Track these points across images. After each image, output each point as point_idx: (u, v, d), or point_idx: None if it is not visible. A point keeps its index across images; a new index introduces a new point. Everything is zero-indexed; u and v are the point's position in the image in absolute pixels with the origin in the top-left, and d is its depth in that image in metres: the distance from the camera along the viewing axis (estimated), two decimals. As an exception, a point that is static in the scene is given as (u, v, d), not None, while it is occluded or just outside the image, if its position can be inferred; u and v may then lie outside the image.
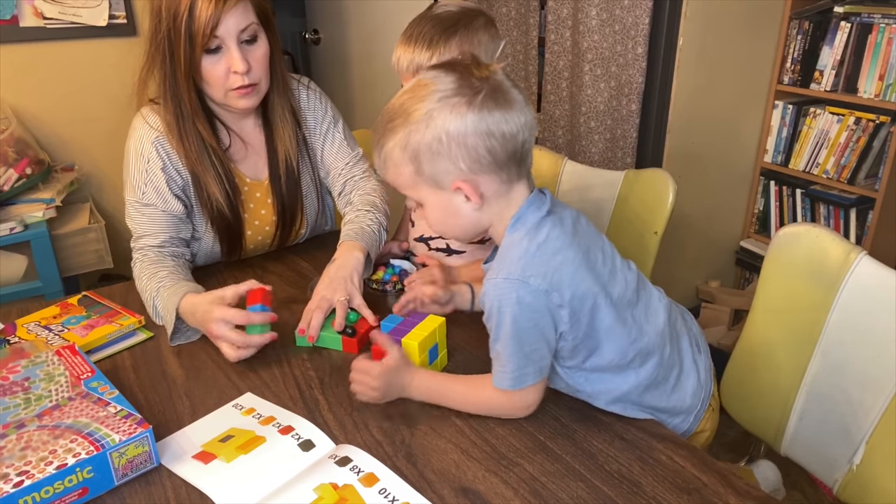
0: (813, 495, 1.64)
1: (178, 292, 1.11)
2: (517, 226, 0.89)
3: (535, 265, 0.85)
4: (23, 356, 0.98)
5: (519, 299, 0.84)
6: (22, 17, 2.10)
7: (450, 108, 0.82)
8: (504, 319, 0.86)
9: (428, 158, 0.84)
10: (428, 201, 0.89)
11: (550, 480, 0.81)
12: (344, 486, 0.80)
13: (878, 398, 0.93)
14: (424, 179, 0.86)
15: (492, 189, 0.87)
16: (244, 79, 1.18)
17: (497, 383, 0.90)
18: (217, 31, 1.13)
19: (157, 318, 1.16)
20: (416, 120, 0.84)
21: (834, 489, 1.01)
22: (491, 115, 0.82)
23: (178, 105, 1.21)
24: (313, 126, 1.39)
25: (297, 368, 1.05)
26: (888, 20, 2.02)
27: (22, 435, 0.81)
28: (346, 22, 2.83)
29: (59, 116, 2.24)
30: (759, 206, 2.46)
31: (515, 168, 0.87)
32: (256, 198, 1.35)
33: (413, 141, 0.84)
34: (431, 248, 1.36)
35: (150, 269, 1.19)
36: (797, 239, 1.02)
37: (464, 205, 0.88)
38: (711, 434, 1.04)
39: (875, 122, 2.09)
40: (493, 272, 0.88)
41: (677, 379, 0.97)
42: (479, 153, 0.83)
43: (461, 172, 0.84)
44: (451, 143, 0.83)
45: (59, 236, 1.95)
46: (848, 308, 0.96)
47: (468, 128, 0.82)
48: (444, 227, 0.94)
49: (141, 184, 1.24)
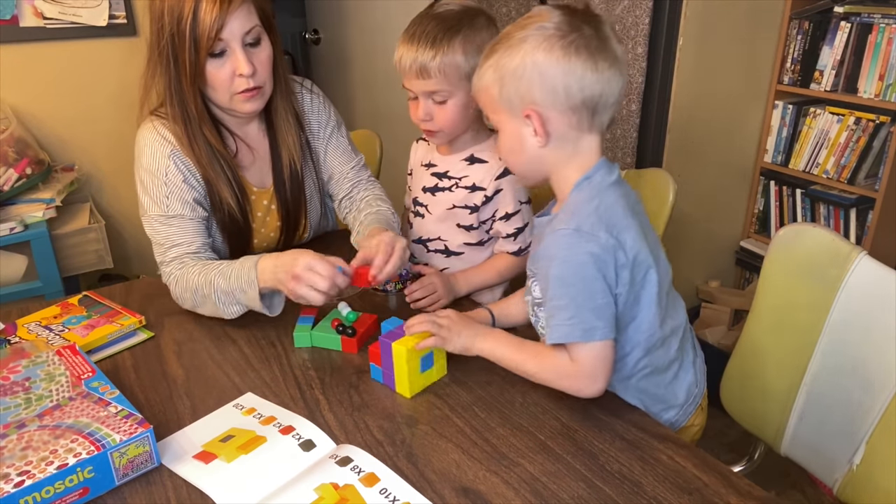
0: (813, 495, 1.64)
1: (249, 260, 1.11)
2: (584, 185, 0.92)
3: (606, 223, 0.88)
4: (23, 356, 0.98)
5: (591, 251, 0.87)
6: (22, 17, 2.10)
7: (543, 38, 0.87)
8: (572, 270, 0.88)
9: (510, 81, 0.89)
10: (503, 127, 0.94)
11: (551, 480, 0.81)
12: (345, 486, 0.80)
13: (878, 398, 0.93)
14: (503, 102, 0.91)
15: (559, 130, 0.90)
16: (249, 81, 1.17)
17: (562, 337, 0.88)
18: (222, 34, 1.12)
19: (224, 305, 1.13)
20: (511, 44, 0.89)
21: (834, 489, 1.01)
22: (578, 56, 0.87)
23: (185, 111, 1.20)
24: (317, 130, 1.38)
25: (297, 368, 1.05)
26: (888, 20, 2.02)
27: (23, 435, 0.81)
28: (346, 22, 2.83)
29: (59, 116, 2.24)
30: (759, 206, 2.45)
31: (588, 117, 0.90)
32: (263, 205, 1.34)
33: (503, 63, 0.89)
34: (430, 250, 1.36)
35: (195, 269, 1.16)
36: (797, 239, 1.03)
37: (530, 138, 0.91)
38: (700, 430, 1.09)
39: (875, 122, 2.09)
40: (561, 223, 0.89)
41: (675, 374, 1.01)
42: (555, 88, 0.87)
43: (534, 101, 0.89)
44: (533, 70, 0.87)
45: (59, 236, 1.95)
46: (848, 308, 0.96)
47: (552, 61, 0.87)
48: (509, 158, 0.98)
49: (162, 198, 1.21)
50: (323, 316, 1.14)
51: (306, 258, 1.04)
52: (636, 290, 0.92)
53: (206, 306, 1.16)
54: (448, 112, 1.19)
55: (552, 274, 0.89)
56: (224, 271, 1.13)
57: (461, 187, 1.28)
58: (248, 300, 1.11)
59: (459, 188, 1.28)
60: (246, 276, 1.10)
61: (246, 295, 1.11)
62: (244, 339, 1.13)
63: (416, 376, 0.97)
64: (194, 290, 1.15)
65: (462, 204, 1.28)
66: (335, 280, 1.04)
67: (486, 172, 1.25)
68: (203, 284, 1.14)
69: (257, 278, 1.09)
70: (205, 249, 1.23)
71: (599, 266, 0.87)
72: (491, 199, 1.26)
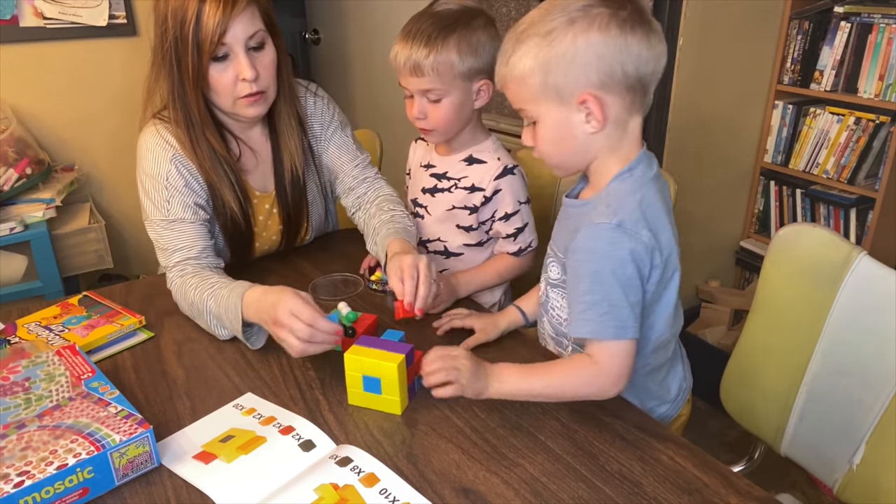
0: (813, 495, 1.64)
1: (239, 288, 1.07)
2: (626, 177, 0.89)
3: (648, 220, 0.86)
4: (23, 356, 0.98)
5: (633, 249, 0.85)
6: (22, 17, 2.10)
7: (592, 17, 0.81)
8: (611, 267, 0.85)
9: (560, 68, 0.83)
10: (545, 118, 0.88)
11: (551, 481, 0.81)
12: (344, 486, 0.80)
13: (878, 398, 0.93)
14: (549, 92, 0.85)
15: (614, 112, 0.86)
16: (252, 86, 1.16)
17: (593, 332, 0.86)
18: (225, 39, 1.11)
19: (216, 327, 1.11)
20: (554, 28, 0.82)
21: (834, 489, 1.01)
22: (633, 33, 0.82)
23: (188, 114, 1.19)
24: (319, 132, 1.37)
25: (297, 368, 1.05)
26: (888, 20, 2.01)
27: (22, 435, 0.81)
28: (346, 22, 2.83)
29: (59, 116, 2.24)
30: (759, 206, 2.45)
31: (641, 97, 0.87)
32: (265, 209, 1.34)
33: (547, 48, 0.83)
34: (429, 251, 1.36)
35: (193, 281, 1.15)
36: (797, 239, 1.02)
37: (581, 126, 0.86)
38: (686, 419, 1.11)
39: (875, 122, 2.08)
40: (602, 216, 0.86)
41: (668, 371, 1.03)
42: (612, 68, 0.82)
43: (591, 85, 0.83)
44: (588, 52, 0.81)
45: (59, 236, 1.95)
46: (848, 308, 0.96)
47: (608, 40, 0.81)
48: (553, 149, 0.91)
49: (163, 202, 1.20)
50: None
51: (289, 302, 0.96)
52: (660, 291, 0.91)
53: (201, 322, 1.15)
54: (442, 110, 1.19)
55: (589, 269, 0.86)
56: (217, 293, 1.10)
57: (460, 188, 1.28)
58: (233, 329, 1.08)
59: (458, 189, 1.28)
60: (233, 306, 1.06)
61: (231, 324, 1.07)
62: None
63: (358, 388, 0.95)
64: (191, 303, 1.14)
65: (461, 205, 1.28)
66: (317, 325, 0.95)
67: (485, 173, 1.25)
68: (198, 301, 1.12)
69: (242, 312, 1.05)
70: (207, 254, 1.22)
71: (638, 265, 0.86)
72: (490, 200, 1.26)
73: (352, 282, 1.29)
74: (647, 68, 0.84)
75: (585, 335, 0.88)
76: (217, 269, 1.22)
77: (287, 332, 0.96)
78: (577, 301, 0.88)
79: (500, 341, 1.11)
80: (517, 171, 1.26)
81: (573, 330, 0.89)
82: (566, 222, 0.97)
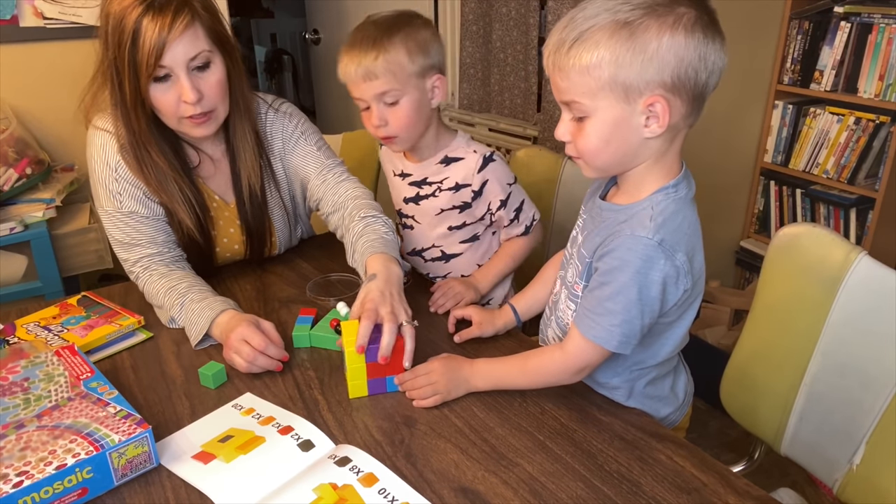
0: (813, 495, 1.64)
1: (209, 311, 1.10)
2: (670, 191, 0.86)
3: (686, 243, 0.85)
4: (22, 356, 0.98)
5: (666, 272, 0.84)
6: (22, 17, 2.10)
7: (679, 15, 0.77)
8: (639, 285, 0.84)
9: (636, 64, 0.77)
10: (600, 114, 0.81)
11: (550, 480, 0.81)
12: (343, 486, 0.80)
13: (878, 398, 0.93)
14: (616, 86, 0.79)
15: (675, 119, 0.81)
16: (196, 108, 1.11)
17: (598, 338, 0.87)
18: (163, 61, 1.06)
19: (170, 323, 1.16)
20: (632, 20, 0.77)
21: (834, 489, 1.01)
22: (714, 42, 0.79)
23: (131, 132, 1.15)
24: (280, 148, 1.31)
25: (296, 368, 1.05)
26: (888, 20, 2.02)
27: (21, 435, 0.81)
28: (346, 22, 2.83)
29: (59, 116, 2.24)
30: (759, 206, 2.46)
31: (698, 108, 0.83)
32: (225, 216, 1.31)
33: (624, 42, 0.77)
34: (427, 260, 1.35)
35: (160, 284, 1.17)
36: (797, 239, 1.02)
37: (640, 128, 0.81)
38: (687, 420, 1.11)
39: (875, 122, 2.09)
40: (645, 229, 0.83)
41: (674, 378, 1.04)
42: (686, 72, 0.78)
43: (664, 85, 0.78)
44: (669, 52, 0.77)
45: (59, 236, 1.95)
46: (848, 308, 0.96)
47: (691, 42, 0.77)
48: (601, 148, 0.84)
49: (116, 193, 1.19)
50: (321, 316, 1.14)
51: (244, 330, 1.03)
52: (681, 311, 0.92)
53: (161, 315, 1.18)
54: (402, 112, 1.16)
55: (619, 279, 0.84)
56: (187, 308, 1.12)
57: (445, 190, 1.26)
58: (191, 338, 1.11)
59: (443, 191, 1.26)
60: (202, 323, 1.09)
61: (192, 336, 1.11)
62: (243, 340, 1.13)
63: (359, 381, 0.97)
64: (159, 305, 1.18)
65: (449, 205, 1.27)
66: (267, 350, 1.02)
67: (467, 169, 1.23)
68: (167, 305, 1.15)
69: (210, 328, 1.09)
70: (167, 248, 1.22)
71: (667, 288, 0.85)
72: (481, 193, 1.24)
73: (350, 282, 1.29)
74: (713, 80, 0.81)
75: (591, 338, 0.88)
76: (180, 262, 1.24)
77: (233, 352, 1.03)
78: (595, 299, 0.88)
79: (500, 342, 1.11)
80: (496, 157, 1.25)
81: (580, 323, 0.89)
82: (599, 225, 0.92)
